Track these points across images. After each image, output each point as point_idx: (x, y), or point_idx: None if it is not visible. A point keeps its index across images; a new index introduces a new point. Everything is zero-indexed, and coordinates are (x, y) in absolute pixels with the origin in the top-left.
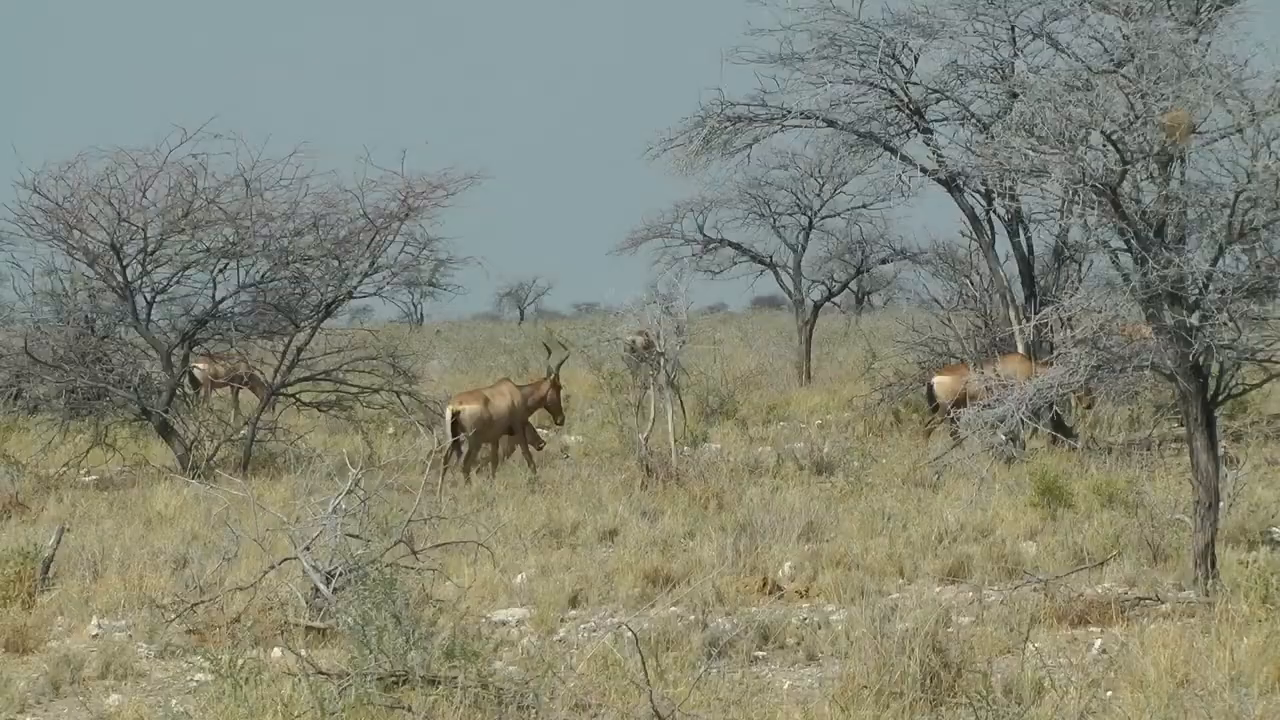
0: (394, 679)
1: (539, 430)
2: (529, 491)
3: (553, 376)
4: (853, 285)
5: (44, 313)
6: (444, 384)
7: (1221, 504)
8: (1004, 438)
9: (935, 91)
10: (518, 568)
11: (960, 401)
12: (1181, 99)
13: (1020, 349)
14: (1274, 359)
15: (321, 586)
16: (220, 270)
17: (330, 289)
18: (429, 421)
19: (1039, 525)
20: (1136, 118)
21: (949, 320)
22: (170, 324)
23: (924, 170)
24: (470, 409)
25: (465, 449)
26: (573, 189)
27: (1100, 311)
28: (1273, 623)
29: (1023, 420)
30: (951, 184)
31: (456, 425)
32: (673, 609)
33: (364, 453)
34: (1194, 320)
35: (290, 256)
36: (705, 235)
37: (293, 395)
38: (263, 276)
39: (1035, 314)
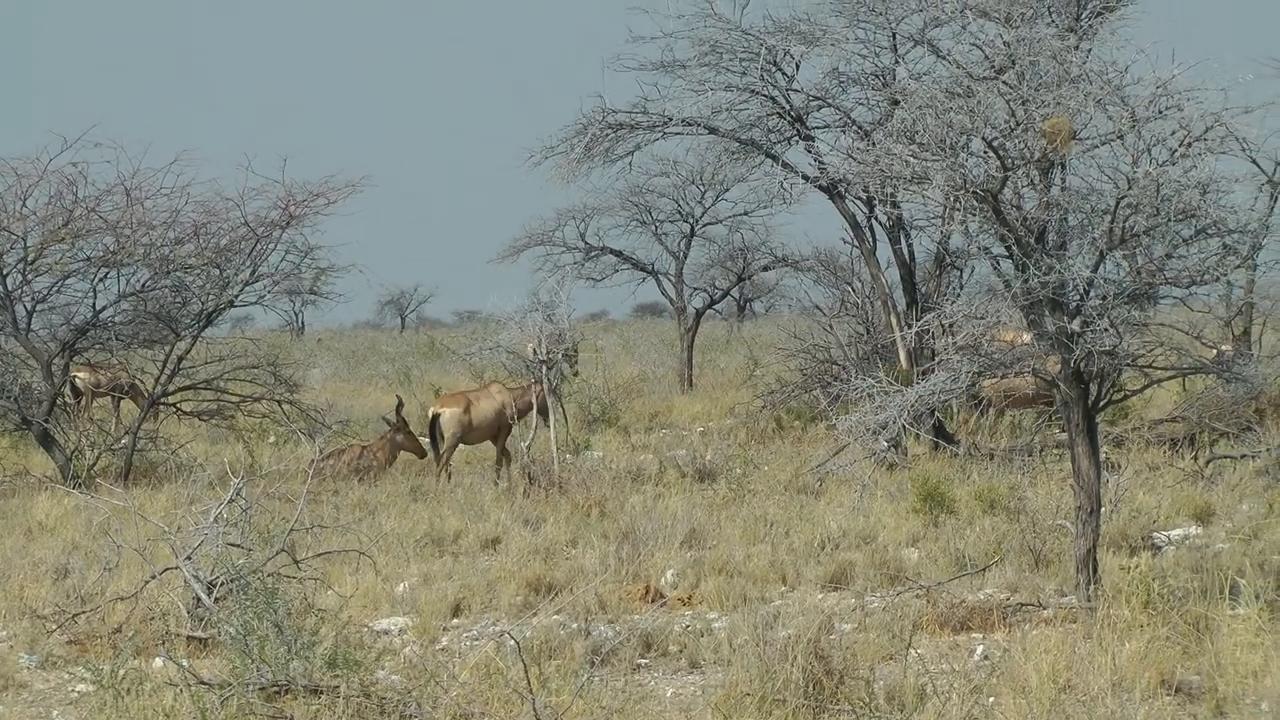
0: (276, 689)
1: (420, 438)
2: (411, 500)
3: (535, 381)
4: (734, 292)
5: None
6: (325, 392)
7: (1103, 509)
8: (886, 444)
9: (817, 99)
10: (400, 576)
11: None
12: (1062, 105)
13: (902, 356)
14: (1155, 365)
15: (203, 596)
16: (101, 279)
17: (211, 298)
18: (310, 430)
19: (921, 531)
20: (1017, 124)
21: (831, 327)
22: (50, 333)
23: (805, 177)
24: (449, 412)
25: (445, 451)
26: (454, 197)
27: (982, 318)
28: (1154, 628)
29: (904, 427)
30: (833, 191)
31: (435, 428)
32: (555, 617)
33: (245, 462)
34: (1075, 326)
35: (171, 265)
36: (587, 243)
37: (174, 404)
38: (143, 285)
39: (917, 321)
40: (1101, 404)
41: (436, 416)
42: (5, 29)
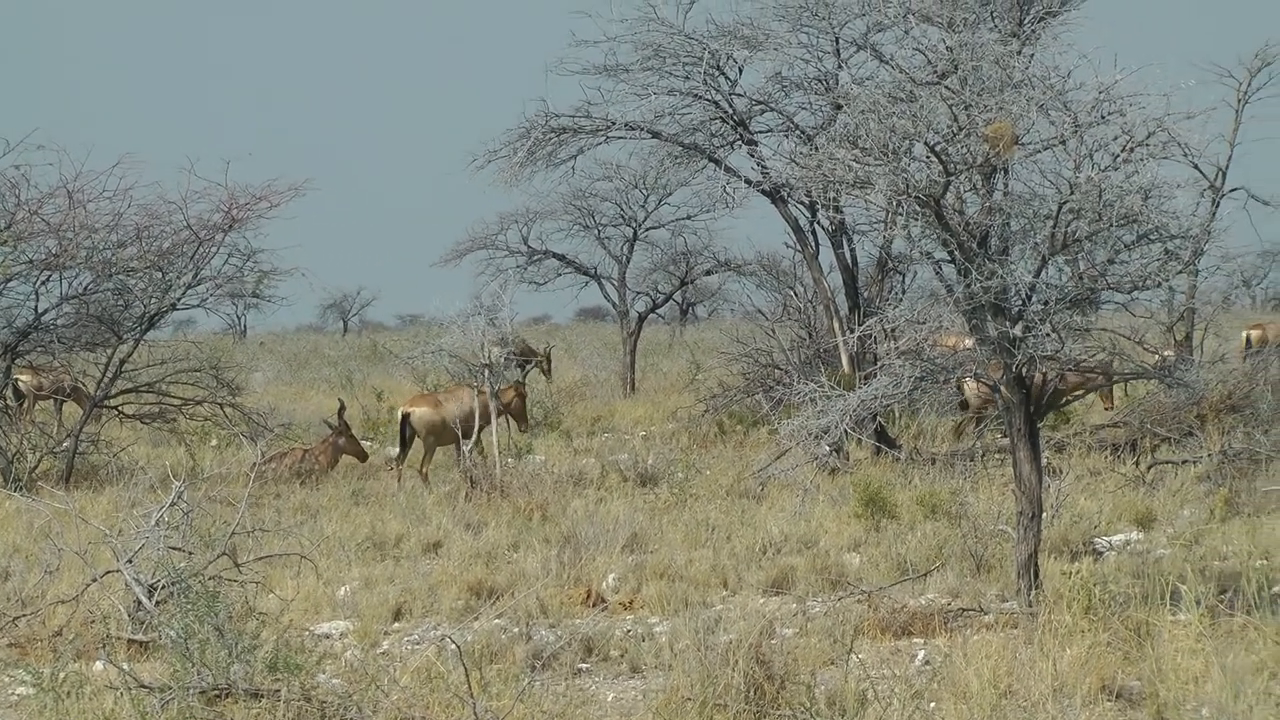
0: (217, 692)
1: (363, 442)
2: (352, 504)
3: (517, 384)
4: (677, 297)
5: None
6: (267, 395)
7: (1044, 515)
8: (828, 449)
9: (760, 103)
10: (341, 580)
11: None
12: (1005, 110)
13: (844, 360)
14: (1096, 370)
15: (144, 599)
16: (43, 282)
17: (153, 301)
18: (252, 433)
19: (863, 536)
20: (960, 129)
21: (773, 331)
22: None
23: (748, 182)
24: (419, 411)
25: (424, 451)
26: (397, 200)
27: (924, 323)
28: (1095, 634)
29: (846, 431)
30: (776, 195)
31: (406, 427)
32: (496, 621)
33: (187, 465)
34: (1017, 331)
35: (113, 268)
36: (530, 247)
37: (116, 407)
38: (86, 288)
39: (859, 325)
40: (1043, 409)
41: (407, 416)
42: None
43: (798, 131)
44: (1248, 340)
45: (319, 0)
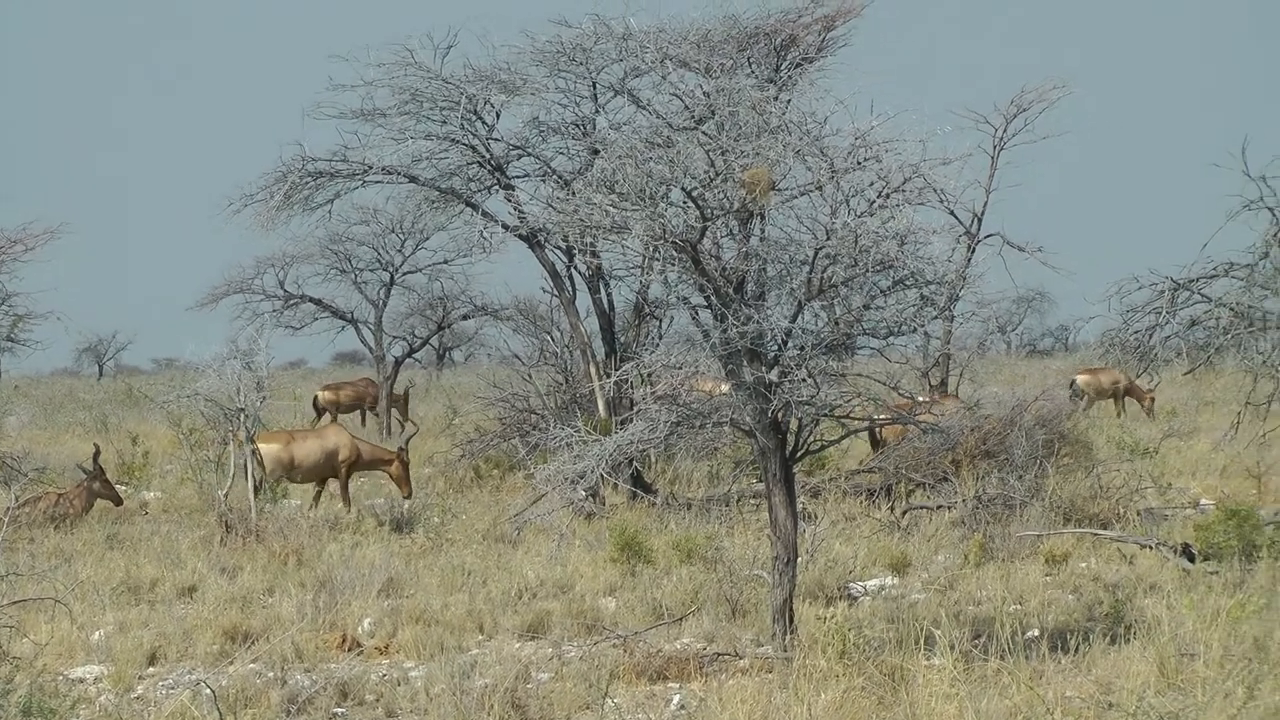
0: None
1: (118, 486)
2: (107, 548)
3: (400, 450)
4: (434, 341)
5: None
6: (21, 439)
7: (800, 559)
8: (584, 493)
9: (517, 148)
10: (96, 625)
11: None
12: (762, 156)
13: (601, 405)
14: (852, 415)
15: None
16: None
17: None
18: (6, 478)
19: (619, 581)
20: (717, 174)
21: (530, 376)
22: None
23: (505, 226)
24: (266, 448)
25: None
26: (153, 243)
27: (680, 368)
28: (850, 679)
29: (602, 476)
30: (533, 240)
31: (259, 461)
32: (252, 665)
33: None
34: (773, 376)
35: None
36: (286, 291)
37: None
38: None
39: (616, 370)
40: (799, 454)
41: (255, 451)
42: None
43: (555, 176)
44: (1072, 384)
45: (73, 40)
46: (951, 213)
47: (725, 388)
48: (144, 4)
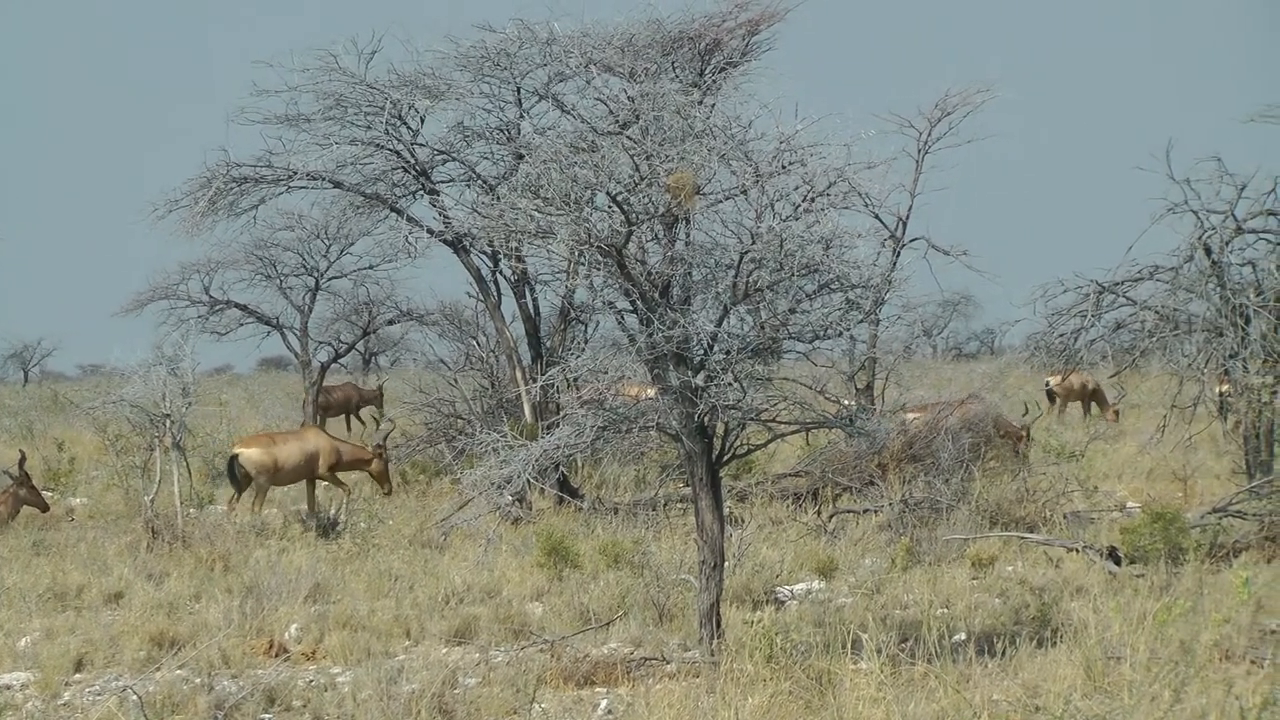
0: None
1: (45, 492)
2: (33, 554)
3: (378, 448)
4: (360, 346)
5: None
6: None
7: (727, 564)
8: (510, 498)
9: (441, 153)
10: (22, 631)
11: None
12: (686, 160)
13: (527, 410)
14: (778, 419)
15: None
16: None
17: None
18: None
19: (546, 586)
20: (642, 179)
21: (456, 381)
22: None
23: (430, 231)
24: (247, 453)
25: (257, 489)
26: (77, 249)
27: (606, 372)
28: (777, 682)
29: (529, 481)
30: (458, 245)
31: (236, 468)
32: (179, 671)
33: None
34: (699, 381)
35: None
36: (211, 296)
37: None
38: None
39: (542, 375)
40: (725, 458)
41: (235, 457)
42: None
43: (480, 181)
44: (1048, 386)
45: None
46: (876, 217)
47: (651, 392)
48: (67, 6)
